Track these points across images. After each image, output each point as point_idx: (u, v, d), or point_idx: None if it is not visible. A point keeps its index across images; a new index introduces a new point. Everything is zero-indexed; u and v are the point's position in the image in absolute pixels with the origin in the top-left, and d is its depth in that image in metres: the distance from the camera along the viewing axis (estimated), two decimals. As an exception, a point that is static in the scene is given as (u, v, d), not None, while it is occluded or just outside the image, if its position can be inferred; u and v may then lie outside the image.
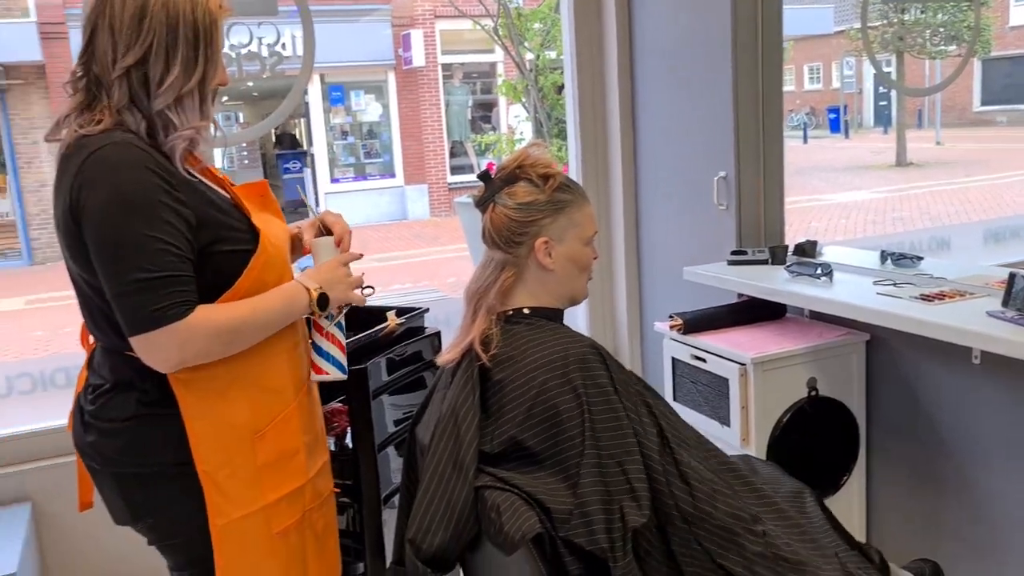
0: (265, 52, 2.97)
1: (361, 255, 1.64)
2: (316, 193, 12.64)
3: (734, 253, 2.58)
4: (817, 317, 2.46)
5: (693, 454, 1.49)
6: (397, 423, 2.08)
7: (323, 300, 1.50)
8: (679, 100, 2.88)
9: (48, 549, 2.62)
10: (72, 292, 1.44)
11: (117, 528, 1.52)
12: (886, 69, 3.69)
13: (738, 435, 2.23)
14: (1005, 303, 1.80)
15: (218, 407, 1.42)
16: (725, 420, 2.29)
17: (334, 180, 13.56)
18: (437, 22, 13.23)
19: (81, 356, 1.56)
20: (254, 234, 1.44)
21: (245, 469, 1.44)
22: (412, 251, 11.09)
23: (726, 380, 2.27)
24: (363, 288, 1.64)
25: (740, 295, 2.58)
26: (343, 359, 1.60)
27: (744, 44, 2.55)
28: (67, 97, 1.41)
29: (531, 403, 1.45)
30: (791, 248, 2.57)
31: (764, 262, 2.54)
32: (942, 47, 3.67)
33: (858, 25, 3.12)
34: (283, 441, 1.49)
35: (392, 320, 2.06)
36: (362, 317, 1.98)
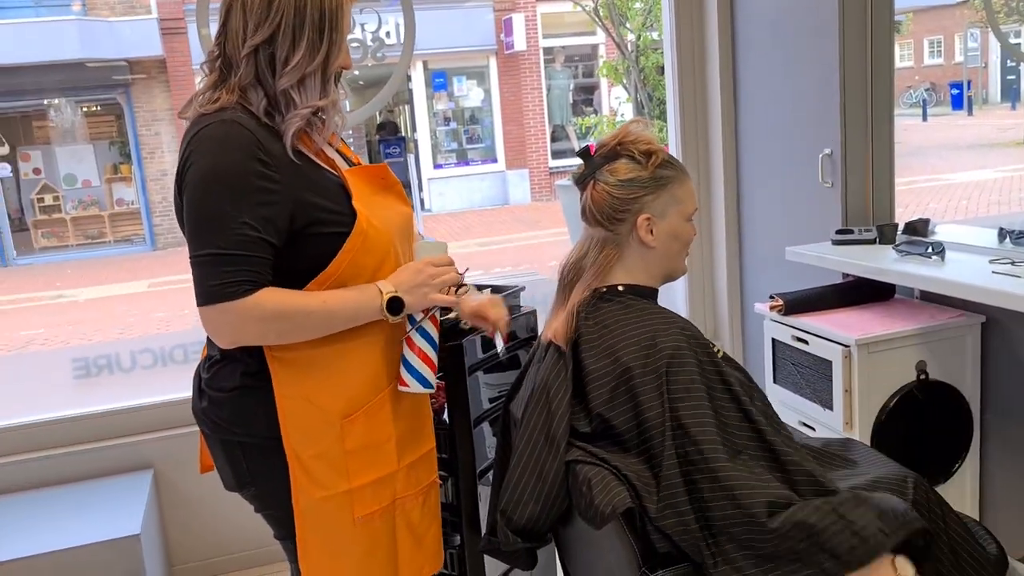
0: (368, 39, 3.04)
1: (461, 274, 1.58)
2: (420, 178, 12.84)
3: (839, 232, 2.50)
4: (928, 299, 2.36)
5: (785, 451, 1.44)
6: (492, 400, 2.11)
7: (394, 304, 1.44)
8: (783, 74, 2.80)
9: (168, 512, 2.79)
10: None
11: (230, 494, 1.60)
12: (1013, 41, 3.47)
13: (841, 419, 2.17)
14: None
15: (308, 387, 1.44)
16: (827, 403, 2.23)
17: (437, 166, 13.76)
18: (539, 5, 13.22)
19: (197, 334, 1.63)
20: (355, 217, 1.44)
21: (331, 452, 1.45)
22: (513, 235, 11.15)
23: (829, 362, 2.21)
24: (456, 288, 1.57)
25: (845, 275, 2.49)
26: (426, 371, 1.51)
27: (853, 13, 2.45)
28: (203, 76, 1.47)
29: (615, 383, 1.45)
30: (901, 227, 2.47)
31: (871, 242, 2.44)
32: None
33: (980, -8, 2.95)
34: (373, 429, 1.49)
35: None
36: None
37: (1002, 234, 2.30)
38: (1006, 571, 1.50)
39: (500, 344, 1.66)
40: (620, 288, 1.57)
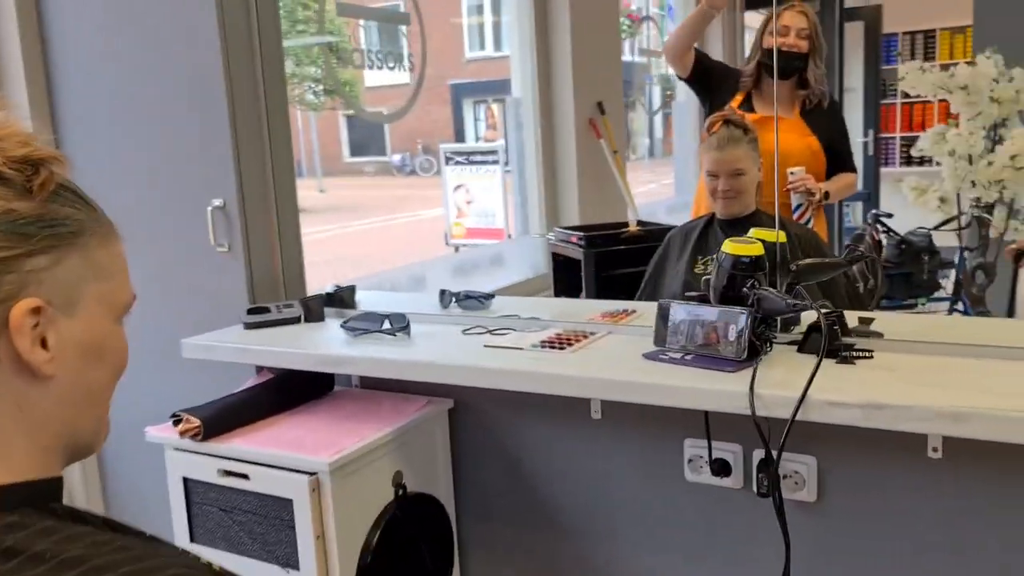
0: None
1: None
2: None
3: (252, 312, 1.83)
4: (369, 384, 1.86)
5: None
6: None
7: None
8: (136, 94, 2.01)
9: None
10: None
11: None
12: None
13: (318, 580, 1.51)
14: (661, 341, 1.44)
15: None
16: (290, 561, 1.54)
17: None
18: None
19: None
20: None
21: None
22: None
23: (288, 501, 1.52)
24: None
25: (259, 368, 1.84)
26: None
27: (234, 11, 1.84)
28: None
29: None
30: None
31: (296, 320, 1.85)
32: (314, 99, 3.42)
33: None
34: None
35: None
36: None
37: (445, 297, 1.94)
38: None
39: None
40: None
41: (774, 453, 1.23)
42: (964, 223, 3.20)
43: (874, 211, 4.33)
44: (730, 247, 1.39)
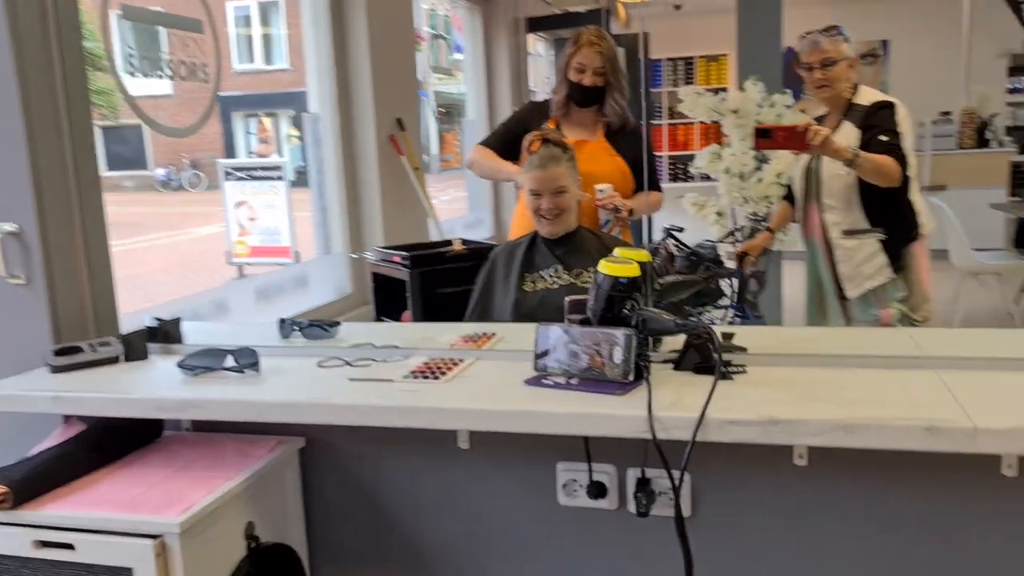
0: None
1: None
2: None
3: (62, 352, 1.59)
4: (205, 427, 1.67)
5: None
6: None
7: None
8: None
9: None
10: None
11: None
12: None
13: (170, 658, 1.32)
14: (542, 367, 1.40)
15: None
16: (131, 638, 1.34)
17: None
18: None
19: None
20: None
21: None
22: None
23: (127, 572, 1.32)
24: None
25: (66, 418, 1.60)
26: None
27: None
28: None
29: None
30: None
31: (114, 359, 1.63)
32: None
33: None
34: None
35: None
36: None
37: (285, 327, 1.79)
38: None
39: None
40: None
41: (675, 474, 1.23)
42: (747, 235, 3.46)
43: (666, 226, 4.58)
44: (607, 268, 1.38)
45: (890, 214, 2.57)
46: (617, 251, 1.53)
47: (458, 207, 6.62)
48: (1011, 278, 5.16)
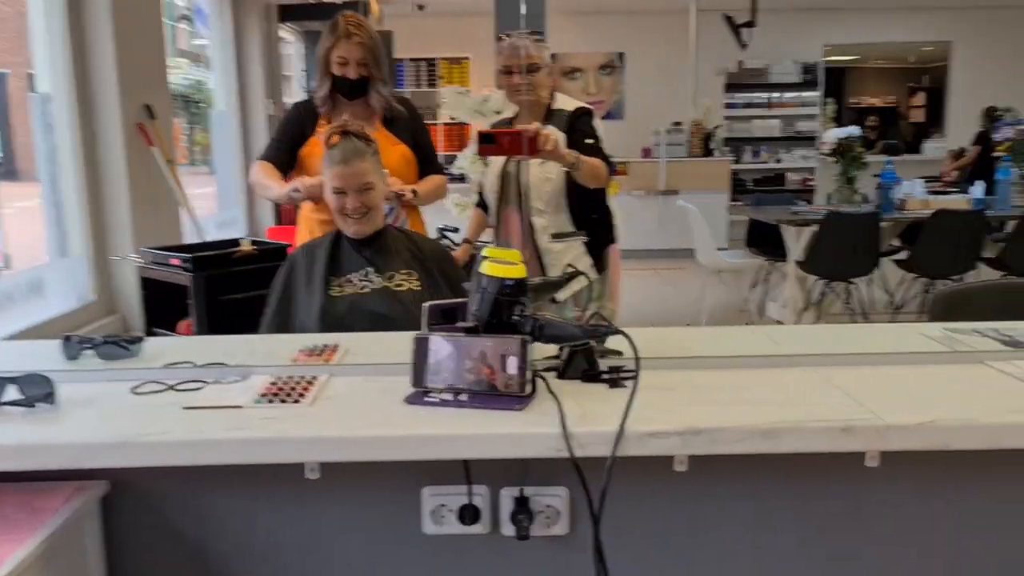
0: None
1: None
2: None
3: None
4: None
5: None
6: None
7: None
8: None
9: None
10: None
11: None
12: None
13: None
14: (420, 382, 1.23)
15: None
16: None
17: None
18: None
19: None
20: None
21: None
22: None
23: None
24: None
25: None
26: None
27: None
28: None
29: None
30: None
31: None
32: None
33: None
34: None
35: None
36: None
37: (71, 347, 1.47)
38: None
39: None
40: None
41: (595, 494, 1.12)
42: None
43: (439, 226, 4.49)
44: (491, 269, 1.25)
45: (592, 217, 2.68)
46: (486, 251, 1.40)
47: (206, 204, 6.09)
48: (748, 274, 5.67)
